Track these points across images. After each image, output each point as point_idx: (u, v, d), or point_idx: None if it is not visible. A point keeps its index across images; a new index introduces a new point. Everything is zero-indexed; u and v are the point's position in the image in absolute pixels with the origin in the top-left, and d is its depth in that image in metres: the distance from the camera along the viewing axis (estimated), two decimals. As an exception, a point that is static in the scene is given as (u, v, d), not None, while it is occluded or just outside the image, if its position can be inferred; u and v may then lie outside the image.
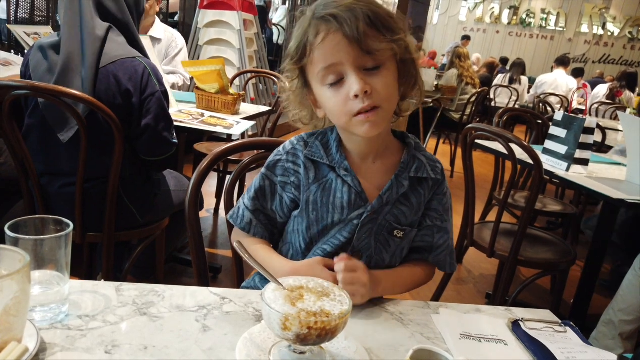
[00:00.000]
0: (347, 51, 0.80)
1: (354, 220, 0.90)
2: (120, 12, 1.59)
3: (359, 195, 0.90)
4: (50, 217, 0.70)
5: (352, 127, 0.85)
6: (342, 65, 0.81)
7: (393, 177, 0.91)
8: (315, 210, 0.91)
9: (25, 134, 1.57)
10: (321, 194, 0.91)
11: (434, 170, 0.95)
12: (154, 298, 0.77)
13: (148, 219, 1.75)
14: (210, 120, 2.12)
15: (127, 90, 1.53)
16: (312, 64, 0.84)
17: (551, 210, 2.81)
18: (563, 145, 2.09)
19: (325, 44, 0.81)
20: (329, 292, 0.66)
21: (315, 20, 0.82)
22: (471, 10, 13.27)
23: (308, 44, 0.83)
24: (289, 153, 0.93)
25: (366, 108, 0.81)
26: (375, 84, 0.81)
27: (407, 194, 0.93)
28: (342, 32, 0.79)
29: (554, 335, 0.83)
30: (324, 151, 0.92)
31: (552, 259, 2.03)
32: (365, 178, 0.92)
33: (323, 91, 0.86)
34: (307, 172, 0.91)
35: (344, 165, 0.90)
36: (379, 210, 0.91)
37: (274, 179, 0.94)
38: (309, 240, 0.93)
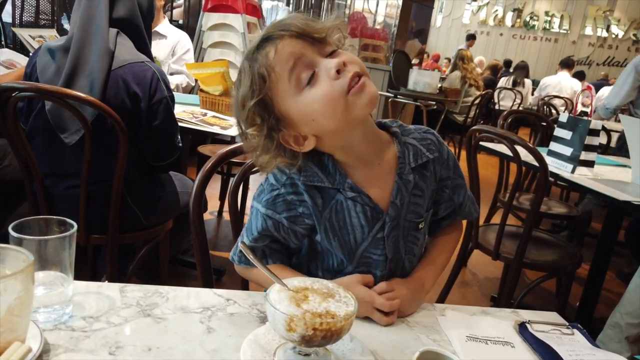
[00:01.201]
0: (303, 44, 0.79)
1: (378, 235, 0.88)
2: (133, 16, 1.60)
3: (374, 209, 0.87)
4: (54, 218, 0.70)
5: (352, 107, 0.78)
6: (306, 57, 0.78)
7: (397, 178, 0.88)
8: (337, 236, 0.88)
9: (30, 135, 1.57)
10: (336, 218, 0.87)
11: (430, 150, 0.93)
12: (158, 299, 0.76)
13: (152, 221, 1.75)
14: (210, 120, 2.12)
15: (135, 94, 1.53)
16: (278, 84, 0.78)
17: (556, 212, 2.80)
18: (568, 147, 2.08)
19: (280, 52, 0.78)
20: (334, 293, 0.66)
21: (256, 51, 0.80)
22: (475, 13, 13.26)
23: (263, 70, 0.78)
24: (287, 184, 0.85)
25: (353, 78, 0.77)
26: (343, 58, 0.79)
27: (416, 183, 0.90)
28: (289, 35, 0.78)
29: (562, 338, 0.82)
30: (321, 173, 0.85)
31: (558, 261, 2.01)
32: (372, 188, 0.87)
33: (303, 98, 0.78)
34: (314, 199, 0.85)
35: (347, 185, 0.85)
36: (397, 216, 0.89)
37: (277, 217, 0.87)
38: (340, 260, 0.91)
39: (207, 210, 3.02)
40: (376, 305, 0.80)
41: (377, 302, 0.80)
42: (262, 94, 0.78)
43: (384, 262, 0.90)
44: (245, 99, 0.79)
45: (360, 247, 0.89)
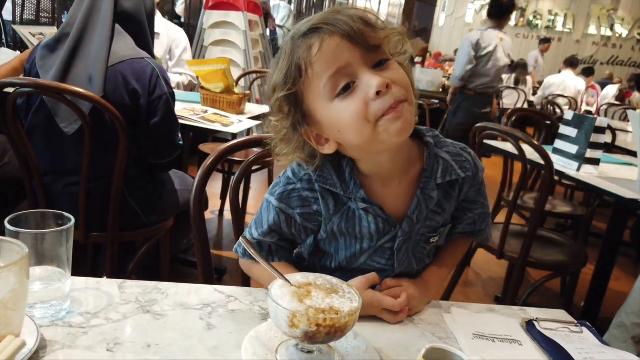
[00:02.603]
0: (351, 50, 0.70)
1: (386, 245, 0.85)
2: (138, 12, 1.59)
3: (386, 221, 0.82)
4: (51, 212, 0.68)
5: (381, 134, 0.72)
6: (350, 67, 0.71)
7: (419, 192, 0.81)
8: (344, 237, 0.85)
9: (29, 132, 1.56)
10: (345, 225, 0.83)
11: (463, 167, 0.84)
12: (157, 296, 0.75)
13: (152, 219, 1.74)
14: (211, 117, 2.10)
15: (134, 91, 1.51)
16: (313, 82, 0.72)
17: (561, 211, 2.77)
18: (574, 144, 2.05)
19: (324, 51, 0.70)
20: (338, 289, 0.64)
21: (302, 37, 0.73)
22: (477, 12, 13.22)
23: (302, 63, 0.72)
24: (304, 180, 0.81)
25: (393, 104, 0.70)
26: (391, 76, 0.71)
27: (439, 201, 0.84)
28: (340, 34, 0.70)
29: (570, 336, 0.80)
30: (336, 177, 0.80)
31: (563, 260, 1.99)
32: (388, 198, 0.82)
33: (334, 107, 0.73)
34: (326, 202, 0.81)
35: (360, 196, 0.80)
36: (411, 230, 0.84)
37: (290, 212, 0.83)
38: (338, 263, 0.89)
39: (209, 209, 3.00)
40: (385, 306, 0.77)
41: (385, 304, 0.77)
42: (294, 88, 0.73)
43: (389, 271, 0.87)
44: (277, 87, 0.75)
45: (364, 254, 0.86)
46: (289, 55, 0.73)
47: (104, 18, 1.51)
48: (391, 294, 0.79)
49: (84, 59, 1.51)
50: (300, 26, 0.74)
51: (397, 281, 0.83)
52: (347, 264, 0.88)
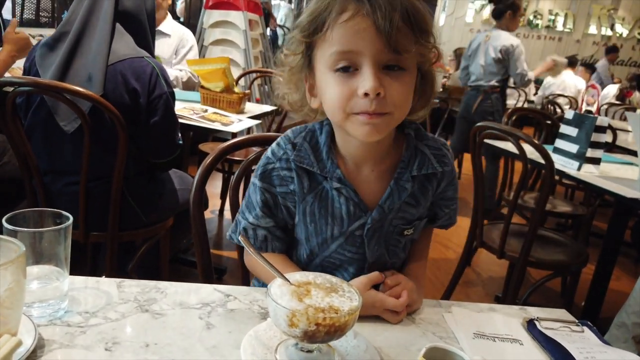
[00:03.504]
0: (372, 41, 0.69)
1: (356, 232, 0.84)
2: (139, 11, 1.59)
3: (358, 205, 0.82)
4: (49, 210, 0.68)
5: (348, 126, 0.74)
6: (360, 56, 0.70)
7: (392, 182, 0.82)
8: (314, 222, 0.84)
9: (29, 131, 1.56)
10: (318, 205, 0.83)
11: (442, 162, 0.85)
12: (156, 295, 0.74)
13: (152, 219, 1.73)
14: (211, 116, 2.10)
15: (134, 90, 1.51)
16: (325, 43, 0.72)
17: (561, 211, 2.77)
18: (574, 144, 2.05)
19: (349, 25, 0.69)
20: (338, 288, 0.63)
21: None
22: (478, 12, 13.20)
23: (328, 18, 0.71)
24: (282, 159, 0.83)
25: (370, 112, 0.71)
26: (391, 87, 0.71)
27: (414, 193, 0.84)
28: (373, 19, 0.67)
29: (571, 335, 0.80)
30: (313, 156, 0.81)
31: (564, 260, 1.99)
32: (363, 183, 0.83)
33: (327, 76, 0.74)
34: (301, 180, 0.82)
35: (336, 175, 0.81)
36: (381, 219, 0.84)
37: (272, 190, 0.84)
38: (309, 252, 0.88)
39: (209, 209, 3.00)
40: (387, 307, 0.77)
41: (388, 304, 0.77)
42: (311, 38, 0.74)
43: (361, 261, 0.86)
44: (300, 26, 0.76)
45: (335, 241, 0.85)
46: (327, 2, 0.72)
47: (105, 17, 1.51)
48: (392, 294, 0.79)
49: (84, 58, 1.51)
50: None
51: (395, 278, 0.83)
52: (318, 251, 0.87)
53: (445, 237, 3.56)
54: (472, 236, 2.17)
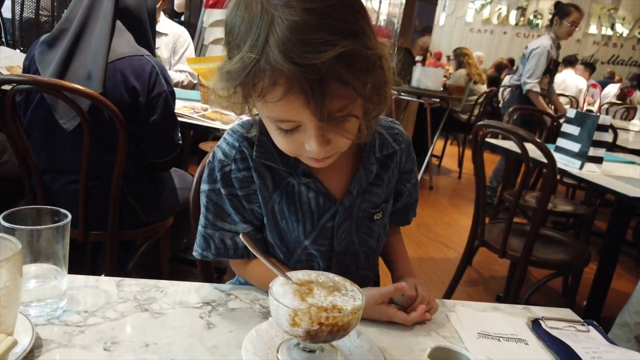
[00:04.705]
0: (308, 115, 0.63)
1: (327, 224, 0.82)
2: (139, 9, 1.58)
3: (326, 196, 0.81)
4: (47, 208, 0.67)
5: (300, 158, 0.74)
6: (301, 123, 0.66)
7: (360, 167, 0.82)
8: (284, 219, 0.81)
9: (28, 130, 1.55)
10: (286, 202, 0.80)
11: (397, 140, 0.88)
12: (156, 294, 0.73)
13: (152, 218, 1.72)
14: (212, 115, 2.08)
15: (133, 88, 1.50)
16: (260, 104, 0.67)
17: (562, 210, 2.75)
18: (576, 142, 2.04)
19: (281, 104, 0.63)
20: (340, 286, 0.62)
21: (272, 62, 0.60)
22: (478, 11, 13.20)
23: (260, 84, 0.62)
24: (237, 159, 0.78)
25: (319, 159, 0.71)
26: (336, 137, 0.68)
27: (378, 173, 0.85)
28: (304, 98, 0.60)
29: (577, 335, 0.79)
30: (276, 152, 0.77)
31: (566, 259, 1.98)
32: (327, 174, 0.81)
33: (270, 125, 0.71)
34: (263, 179, 0.78)
35: (301, 169, 0.78)
36: (351, 206, 0.83)
37: (236, 193, 0.79)
38: (285, 250, 0.84)
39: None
40: (397, 321, 0.75)
41: (397, 319, 0.75)
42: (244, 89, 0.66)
43: (330, 252, 0.84)
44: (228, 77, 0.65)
45: (308, 237, 0.82)
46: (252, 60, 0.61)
47: (105, 14, 1.50)
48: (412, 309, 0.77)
49: (83, 55, 1.50)
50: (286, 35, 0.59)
51: (412, 289, 0.79)
52: (293, 249, 0.84)
53: (446, 237, 3.55)
54: (473, 235, 2.16)
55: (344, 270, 0.86)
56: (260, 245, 0.84)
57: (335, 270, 0.83)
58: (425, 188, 4.71)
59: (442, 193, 4.79)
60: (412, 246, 3.27)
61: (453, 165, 5.86)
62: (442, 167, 5.92)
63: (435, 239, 3.47)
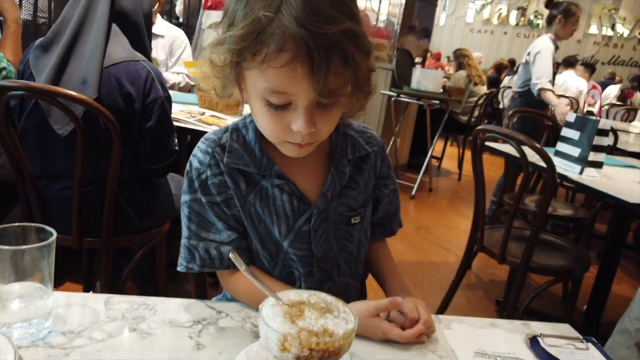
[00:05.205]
0: (307, 88, 0.65)
1: (303, 228, 0.81)
2: (135, 11, 1.56)
3: (300, 199, 0.81)
4: (32, 225, 0.65)
5: (279, 146, 0.75)
6: (294, 96, 0.67)
7: (332, 168, 0.83)
8: (262, 222, 0.81)
9: (21, 136, 1.53)
10: (261, 205, 0.80)
11: (369, 143, 0.89)
12: (145, 312, 0.72)
13: (147, 224, 1.70)
14: (209, 120, 2.06)
15: (128, 94, 1.48)
16: (257, 71, 0.66)
17: (562, 214, 2.73)
18: (576, 147, 2.02)
19: (284, 70, 0.63)
20: (332, 308, 0.61)
21: (283, 26, 0.61)
22: (478, 12, 13.18)
23: (264, 50, 0.63)
24: (212, 165, 0.79)
25: (299, 143, 0.72)
26: (322, 121, 0.70)
27: (352, 176, 0.86)
28: (309, 67, 0.62)
29: (576, 353, 0.77)
30: (247, 156, 0.79)
31: (566, 265, 1.96)
32: (301, 176, 0.82)
33: (257, 102, 0.70)
34: (237, 183, 0.79)
35: (274, 172, 0.79)
36: (326, 209, 0.83)
37: (216, 200, 0.79)
38: (269, 258, 0.83)
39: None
40: (391, 338, 0.73)
41: (392, 335, 0.73)
42: (241, 56, 0.66)
43: (309, 257, 0.83)
44: (230, 40, 0.66)
45: (285, 240, 0.81)
46: (259, 27, 0.63)
47: (101, 17, 1.48)
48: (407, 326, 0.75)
49: (78, 60, 1.48)
50: (299, 12, 0.61)
51: (412, 310, 0.77)
52: (276, 254, 0.83)
53: (446, 240, 3.53)
54: (472, 240, 2.14)
55: (326, 277, 0.86)
56: (245, 255, 0.82)
57: (317, 277, 0.84)
58: (425, 190, 4.70)
59: (441, 195, 4.78)
60: (411, 249, 3.25)
61: (453, 166, 5.85)
62: (442, 168, 5.91)
63: (434, 242, 3.46)
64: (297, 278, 0.84)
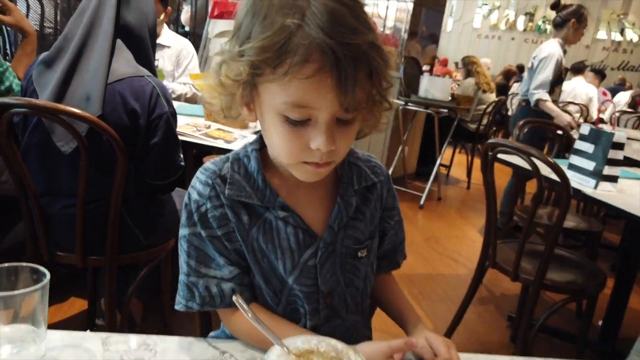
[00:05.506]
0: (332, 101, 0.62)
1: (309, 262, 0.77)
2: (140, 26, 1.54)
3: (306, 232, 0.77)
4: (25, 265, 0.61)
5: (293, 168, 0.71)
6: (315, 110, 0.64)
7: (338, 199, 0.79)
8: (265, 257, 0.76)
9: (25, 152, 1.51)
10: (264, 239, 0.76)
11: (375, 172, 0.86)
12: (144, 353, 0.68)
13: (153, 241, 1.67)
14: (214, 133, 2.03)
15: (133, 110, 1.45)
16: (277, 84, 0.63)
17: (576, 228, 2.66)
18: (590, 160, 1.97)
19: (310, 82, 0.61)
20: (343, 356, 0.57)
21: (309, 36, 0.59)
22: (485, 17, 13.13)
23: (287, 61, 0.60)
24: (212, 197, 0.74)
25: (318, 163, 0.68)
26: (341, 139, 0.67)
27: (358, 207, 0.82)
28: (336, 79, 0.60)
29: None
30: (249, 187, 0.75)
31: (581, 282, 1.90)
32: (306, 208, 0.78)
33: (273, 117, 0.66)
34: (238, 216, 0.75)
35: (278, 204, 0.75)
36: (333, 242, 0.79)
37: (216, 234, 0.75)
38: (272, 294, 0.78)
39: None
40: None
41: None
42: (260, 70, 0.63)
43: (315, 294, 0.78)
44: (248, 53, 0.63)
45: (290, 276, 0.77)
46: (282, 38, 0.60)
47: (105, 32, 1.46)
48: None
49: (82, 76, 1.46)
50: (325, 22, 0.59)
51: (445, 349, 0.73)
52: (280, 290, 0.78)
53: (455, 251, 3.48)
54: (484, 256, 2.09)
55: (334, 314, 0.81)
56: (248, 292, 0.78)
57: (324, 314, 0.79)
58: (434, 199, 4.64)
59: (450, 204, 4.72)
60: (420, 261, 3.20)
61: (462, 174, 5.79)
62: (450, 176, 5.85)
63: (443, 254, 3.40)
64: (302, 315, 0.79)
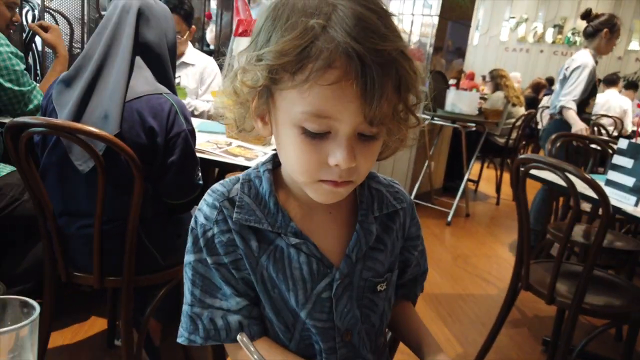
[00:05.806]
0: (355, 112, 0.57)
1: (323, 294, 0.70)
2: (160, 44, 1.53)
3: (320, 261, 0.70)
4: (15, 298, 0.57)
5: (308, 188, 0.65)
6: (336, 122, 0.58)
7: (357, 226, 0.72)
8: (276, 287, 0.70)
9: (43, 172, 1.50)
10: (275, 267, 0.69)
11: (398, 199, 0.79)
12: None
13: (171, 261, 1.63)
14: (235, 150, 2.00)
15: (151, 128, 1.43)
16: (296, 93, 0.58)
17: (611, 246, 2.52)
18: (630, 176, 1.86)
19: (332, 89, 0.56)
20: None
21: (334, 40, 0.55)
22: (513, 30, 12.94)
23: (309, 66, 0.55)
24: (219, 221, 0.69)
25: (336, 181, 0.62)
26: (362, 156, 0.62)
27: (379, 236, 0.75)
28: (361, 86, 0.55)
29: None
30: (259, 211, 0.69)
31: (622, 306, 1.78)
32: (321, 235, 0.71)
33: (292, 132, 0.61)
34: (247, 243, 0.69)
35: (291, 229, 0.69)
36: (350, 273, 0.71)
37: (223, 261, 0.70)
38: (284, 329, 0.72)
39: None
40: None
41: None
42: (278, 75, 0.58)
43: (331, 330, 0.71)
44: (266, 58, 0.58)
45: (303, 310, 0.70)
46: (304, 42, 0.55)
47: (124, 51, 1.45)
48: None
49: (101, 94, 1.44)
50: (350, 27, 0.55)
51: None
52: (293, 324, 0.72)
53: (485, 270, 3.35)
54: (516, 277, 1.99)
55: (353, 353, 0.74)
56: (257, 326, 0.72)
57: (342, 353, 0.72)
58: (462, 215, 4.52)
59: (479, 221, 4.58)
60: (448, 281, 3.09)
61: (490, 190, 5.64)
62: (478, 192, 5.70)
63: (473, 273, 3.28)
64: (317, 352, 0.73)
